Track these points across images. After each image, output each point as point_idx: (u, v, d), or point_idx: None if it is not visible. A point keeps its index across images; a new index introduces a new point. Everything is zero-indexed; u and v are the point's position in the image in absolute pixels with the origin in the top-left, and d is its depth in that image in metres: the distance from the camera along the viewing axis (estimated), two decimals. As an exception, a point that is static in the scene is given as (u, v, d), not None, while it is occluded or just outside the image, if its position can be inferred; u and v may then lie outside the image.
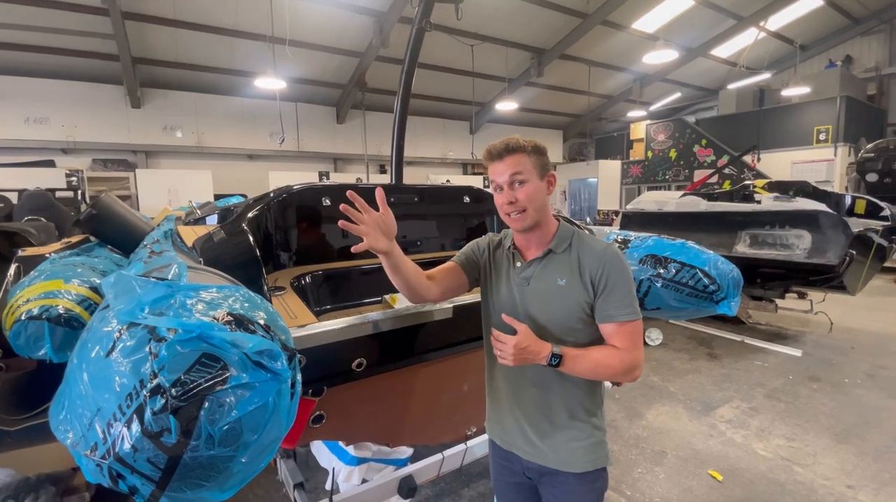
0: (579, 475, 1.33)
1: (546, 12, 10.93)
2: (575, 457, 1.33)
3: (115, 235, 2.74)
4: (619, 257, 1.29)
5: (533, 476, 1.41)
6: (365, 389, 1.68)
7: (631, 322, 1.26)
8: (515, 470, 1.44)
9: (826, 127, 10.97)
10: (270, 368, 0.84)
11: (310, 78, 11.79)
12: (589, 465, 1.33)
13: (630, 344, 1.25)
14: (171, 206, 8.28)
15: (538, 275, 1.33)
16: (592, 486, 1.35)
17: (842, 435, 3.31)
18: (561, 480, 1.35)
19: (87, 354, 0.86)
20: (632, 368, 1.25)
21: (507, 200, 1.28)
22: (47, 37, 8.93)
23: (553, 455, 1.34)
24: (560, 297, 1.28)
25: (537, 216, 1.29)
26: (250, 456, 0.81)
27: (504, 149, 1.28)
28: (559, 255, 1.32)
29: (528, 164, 1.27)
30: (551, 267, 1.32)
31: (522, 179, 1.27)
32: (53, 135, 10.21)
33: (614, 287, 1.25)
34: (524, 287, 1.34)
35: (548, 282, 1.30)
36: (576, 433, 1.33)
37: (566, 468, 1.33)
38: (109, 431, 0.73)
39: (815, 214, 4.48)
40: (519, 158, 1.27)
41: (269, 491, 2.71)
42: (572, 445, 1.33)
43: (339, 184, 2.74)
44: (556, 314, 1.29)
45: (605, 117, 17.67)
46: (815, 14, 12.59)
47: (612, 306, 1.25)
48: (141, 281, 0.94)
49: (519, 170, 1.26)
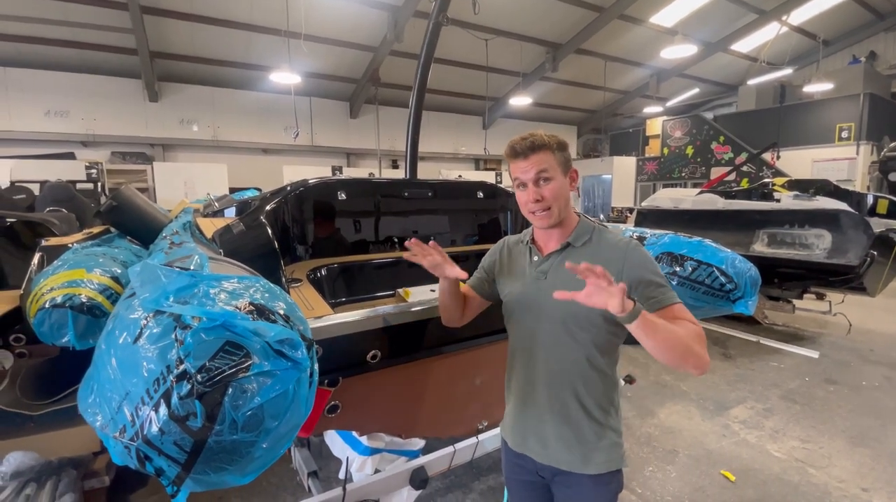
0: (594, 477, 1.31)
1: (562, 6, 10.81)
2: (590, 459, 1.30)
3: (135, 227, 2.79)
4: (640, 249, 1.28)
5: (546, 475, 1.40)
6: (379, 381, 1.70)
7: (679, 306, 1.21)
8: (528, 468, 1.42)
9: (848, 124, 10.71)
10: (291, 357, 0.86)
11: (324, 72, 11.84)
12: (603, 467, 1.31)
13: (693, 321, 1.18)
14: (188, 199, 8.40)
15: (556, 268, 1.31)
16: (607, 488, 1.33)
17: (858, 437, 3.26)
18: (575, 481, 1.33)
19: (114, 340, 0.88)
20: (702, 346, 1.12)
21: (534, 198, 1.27)
22: (67, 31, 9.10)
23: (567, 456, 1.32)
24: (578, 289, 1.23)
25: (561, 213, 1.29)
26: (271, 442, 0.83)
27: (529, 147, 1.25)
28: (578, 249, 1.31)
29: (552, 162, 1.26)
30: (570, 260, 1.28)
31: (548, 177, 1.26)
32: (73, 128, 10.41)
33: (646, 277, 1.22)
34: (541, 280, 1.32)
35: (566, 275, 1.25)
36: (591, 434, 1.31)
37: (580, 469, 1.31)
38: (138, 414, 0.76)
39: (835, 214, 4.39)
40: (544, 156, 1.25)
41: (283, 479, 2.75)
42: (587, 446, 1.31)
43: (353, 179, 2.76)
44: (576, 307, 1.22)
45: (621, 113, 17.45)
46: (838, 8, 12.26)
47: (658, 293, 1.20)
48: (166, 270, 0.96)
49: (544, 168, 1.25)
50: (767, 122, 12.13)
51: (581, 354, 1.28)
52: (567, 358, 1.29)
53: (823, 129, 11.15)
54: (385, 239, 2.75)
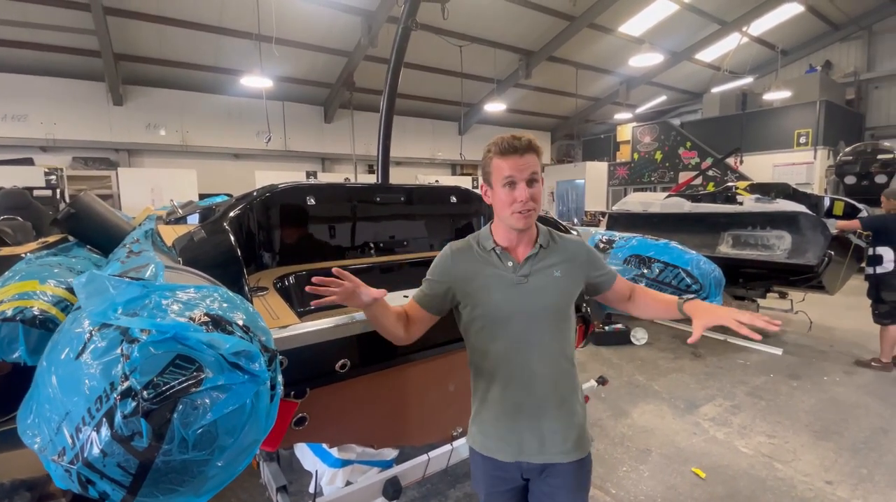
0: (579, 461, 1.37)
1: (533, 14, 11.00)
2: (578, 444, 1.38)
3: (95, 235, 2.68)
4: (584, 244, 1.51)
5: (531, 475, 1.39)
6: (349, 390, 1.67)
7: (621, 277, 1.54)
8: (510, 477, 1.39)
9: (806, 130, 11.20)
10: (248, 369, 0.83)
11: (297, 77, 11.69)
12: (585, 451, 1.40)
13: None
14: (154, 206, 8.14)
15: (535, 270, 1.36)
16: (586, 470, 1.41)
17: (821, 431, 3.38)
18: (562, 471, 1.36)
19: (56, 356, 0.83)
20: None
21: (525, 198, 1.27)
22: (26, 32, 8.73)
23: (563, 446, 1.36)
24: (559, 287, 1.36)
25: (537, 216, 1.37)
26: (227, 460, 0.80)
27: (528, 146, 1.28)
28: (547, 250, 1.39)
29: (538, 164, 1.32)
30: (546, 261, 1.37)
31: (537, 178, 1.30)
32: (32, 132, 9.98)
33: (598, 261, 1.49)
34: (523, 285, 1.34)
35: (546, 276, 1.36)
36: (578, 421, 1.39)
37: (573, 457, 1.36)
38: (78, 436, 0.71)
39: (794, 215, 4.57)
40: (535, 159, 1.31)
41: (252, 494, 2.67)
42: (578, 432, 1.38)
43: (323, 183, 2.71)
44: (557, 303, 1.37)
45: (593, 119, 17.83)
46: (796, 20, 12.86)
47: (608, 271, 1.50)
48: (115, 280, 0.91)
49: (536, 170, 1.29)
50: (731, 128, 12.59)
51: (562, 345, 1.39)
52: (555, 352, 1.37)
53: (783, 135, 11.63)
54: (356, 245, 2.72)
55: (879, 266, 4.33)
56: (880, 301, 4.39)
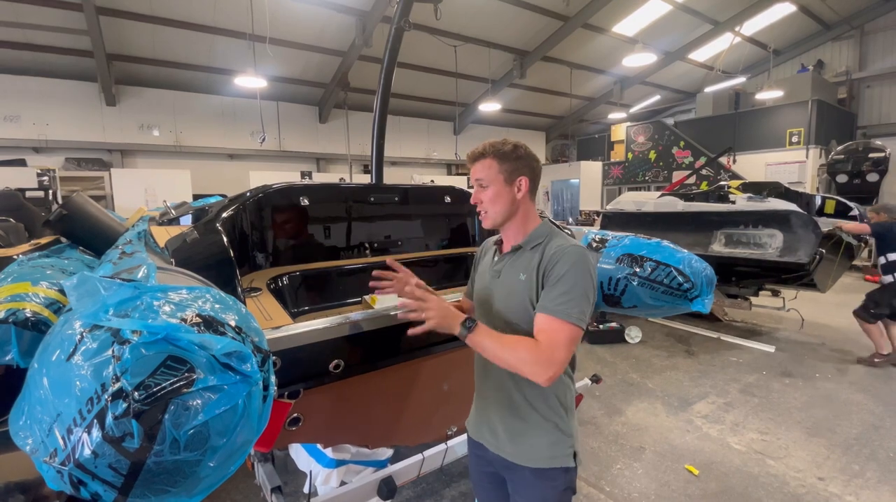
0: (534, 470, 1.36)
1: (528, 14, 11.02)
2: (531, 452, 1.36)
3: (87, 236, 2.67)
4: (578, 256, 1.25)
5: (499, 469, 1.45)
6: (343, 391, 1.67)
7: (561, 321, 1.19)
8: (489, 458, 1.47)
9: (798, 129, 11.29)
10: (240, 370, 0.83)
11: (291, 77, 11.66)
12: (544, 462, 1.35)
13: (550, 342, 1.18)
14: (148, 207, 8.09)
15: (506, 269, 1.39)
16: (549, 484, 1.35)
17: (813, 428, 3.42)
18: (519, 473, 1.38)
19: (47, 358, 0.83)
20: (541, 366, 1.16)
21: (474, 201, 1.40)
22: (18, 32, 8.66)
23: (512, 446, 1.38)
24: (518, 292, 1.33)
25: (500, 218, 1.37)
26: (219, 461, 0.80)
27: (480, 153, 1.37)
28: (527, 252, 1.36)
29: (492, 170, 1.35)
30: (518, 262, 1.37)
31: (484, 184, 1.36)
32: (24, 133, 9.89)
33: (559, 281, 1.23)
34: (495, 279, 1.42)
35: (512, 277, 1.36)
36: (535, 429, 1.36)
37: (523, 462, 1.37)
38: (69, 437, 0.71)
39: (786, 214, 4.61)
40: (484, 163, 1.36)
41: (247, 495, 2.67)
42: (530, 440, 1.36)
43: (317, 184, 2.71)
44: (515, 309, 1.33)
45: (587, 119, 17.88)
46: (788, 20, 12.95)
47: (549, 299, 1.22)
48: (105, 282, 0.91)
49: (480, 177, 1.36)
50: (724, 127, 12.68)
51: None
52: None
53: (775, 134, 11.72)
54: (351, 245, 2.72)
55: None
56: (882, 305, 4.43)
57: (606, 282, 2.23)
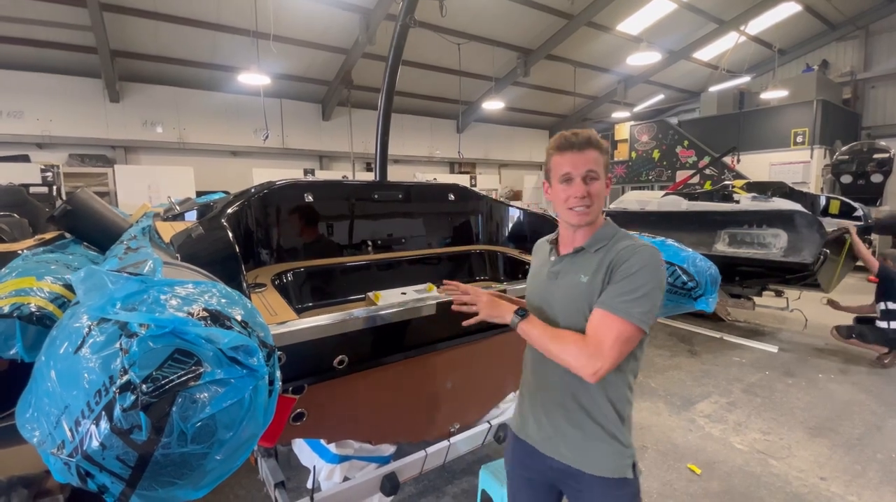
0: (601, 479, 1.29)
1: (532, 12, 10.98)
2: (593, 459, 1.29)
3: (91, 232, 2.68)
4: (651, 257, 1.21)
5: (556, 477, 1.38)
6: (347, 387, 1.67)
7: (617, 317, 1.15)
8: (535, 467, 1.42)
9: (803, 129, 11.23)
10: (246, 364, 0.83)
11: (295, 74, 11.65)
12: (608, 472, 1.29)
13: (600, 336, 1.15)
14: (151, 203, 8.11)
15: (565, 270, 1.34)
16: (617, 493, 1.30)
17: (815, 428, 3.41)
18: (587, 483, 1.31)
19: (55, 351, 0.84)
20: (587, 358, 1.15)
21: (580, 194, 1.26)
22: (22, 28, 8.66)
23: (568, 451, 1.32)
24: (580, 296, 1.26)
25: (597, 214, 1.30)
26: (225, 454, 0.80)
27: (586, 142, 1.26)
28: (590, 255, 1.30)
29: (601, 162, 1.28)
30: (579, 264, 1.30)
31: (595, 176, 1.26)
32: (28, 129, 9.90)
33: (626, 279, 1.18)
34: (552, 280, 1.36)
35: (572, 279, 1.30)
36: (593, 437, 1.30)
37: (587, 469, 1.30)
38: (77, 429, 0.72)
39: (790, 214, 4.59)
40: (596, 154, 1.27)
41: (250, 490, 2.68)
42: (589, 446, 1.30)
43: (321, 181, 2.71)
44: (574, 310, 1.27)
45: (591, 118, 17.82)
46: (793, 19, 12.87)
47: (611, 295, 1.19)
48: (113, 276, 0.92)
49: (595, 167, 1.26)
50: (728, 127, 12.61)
51: None
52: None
53: (780, 134, 11.66)
54: (355, 242, 2.72)
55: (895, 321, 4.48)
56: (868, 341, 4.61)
57: (610, 280, 2.22)
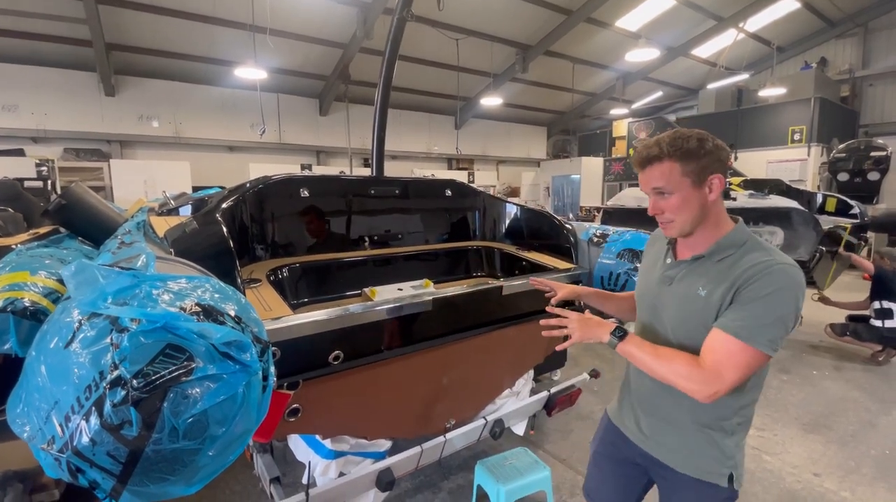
0: (696, 480, 1.25)
1: (531, 8, 10.93)
2: (689, 461, 1.26)
3: (86, 226, 2.66)
4: (787, 279, 1.07)
5: (647, 463, 1.38)
6: (342, 382, 1.67)
7: (741, 343, 1.05)
8: (624, 453, 1.44)
9: (800, 127, 11.25)
10: (239, 359, 0.83)
11: (292, 68, 11.58)
12: (705, 475, 1.24)
13: (719, 360, 1.06)
14: (147, 198, 8.06)
15: (681, 277, 1.24)
16: (704, 494, 1.26)
17: (809, 425, 3.43)
18: (681, 481, 1.28)
19: (45, 346, 0.83)
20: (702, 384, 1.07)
21: (654, 211, 1.22)
22: (15, 20, 8.57)
23: (665, 450, 1.31)
24: (697, 309, 1.17)
25: (689, 226, 1.19)
26: (218, 450, 0.80)
27: (643, 160, 1.19)
28: (712, 264, 1.18)
29: (673, 173, 1.15)
30: (698, 273, 1.21)
31: (665, 191, 1.17)
32: (23, 123, 9.83)
33: (755, 302, 1.07)
34: (666, 285, 1.28)
35: (689, 288, 1.20)
36: (694, 444, 1.26)
37: (682, 469, 1.27)
38: (67, 424, 0.71)
39: (787, 211, 4.60)
40: (660, 169, 1.16)
41: (245, 485, 2.67)
42: (688, 448, 1.27)
43: (317, 176, 2.70)
44: (689, 325, 1.19)
45: (589, 114, 17.80)
46: (792, 16, 12.86)
47: (735, 318, 1.08)
48: (104, 270, 0.91)
49: (659, 184, 1.17)
50: (726, 124, 12.61)
51: None
52: None
53: (777, 132, 11.67)
54: (351, 237, 2.71)
55: (890, 320, 4.48)
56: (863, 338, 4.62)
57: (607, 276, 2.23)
